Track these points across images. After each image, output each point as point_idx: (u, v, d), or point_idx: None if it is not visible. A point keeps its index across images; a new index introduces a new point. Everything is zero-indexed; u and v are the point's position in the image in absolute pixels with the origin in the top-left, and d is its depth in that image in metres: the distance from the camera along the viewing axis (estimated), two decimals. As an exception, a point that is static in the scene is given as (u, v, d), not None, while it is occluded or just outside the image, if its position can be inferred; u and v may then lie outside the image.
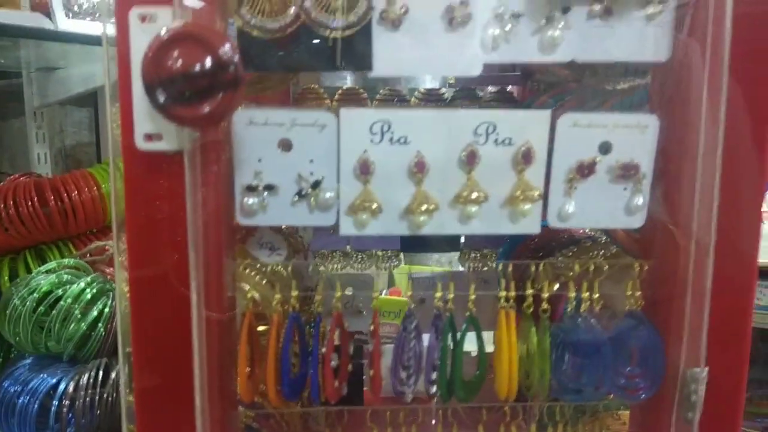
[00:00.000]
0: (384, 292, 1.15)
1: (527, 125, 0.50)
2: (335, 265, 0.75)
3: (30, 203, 1.20)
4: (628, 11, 0.49)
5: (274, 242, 0.57)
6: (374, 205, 0.50)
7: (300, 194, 0.50)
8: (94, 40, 1.33)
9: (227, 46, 0.39)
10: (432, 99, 0.71)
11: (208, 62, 0.38)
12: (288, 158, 0.50)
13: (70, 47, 1.35)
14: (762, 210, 0.51)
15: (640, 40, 0.49)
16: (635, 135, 0.50)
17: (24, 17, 1.20)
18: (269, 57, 0.49)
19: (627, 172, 0.51)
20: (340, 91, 0.69)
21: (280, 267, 0.58)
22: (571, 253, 0.66)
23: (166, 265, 0.48)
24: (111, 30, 0.44)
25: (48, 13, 1.32)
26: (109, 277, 1.17)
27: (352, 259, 0.77)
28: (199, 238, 0.47)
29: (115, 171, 0.48)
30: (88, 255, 1.24)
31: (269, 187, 0.50)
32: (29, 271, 1.21)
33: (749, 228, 0.51)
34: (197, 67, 0.38)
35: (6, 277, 1.22)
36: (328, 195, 0.50)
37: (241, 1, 0.47)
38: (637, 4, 0.49)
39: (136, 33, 0.42)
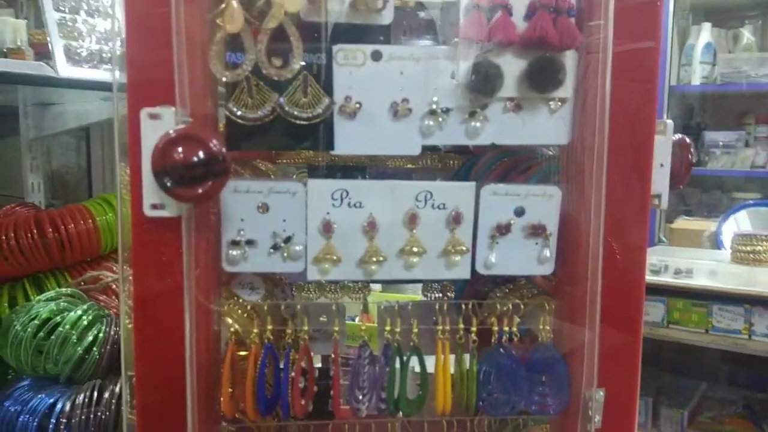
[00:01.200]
0: (357, 318, 1.27)
1: (457, 194, 0.63)
2: (310, 295, 0.87)
3: (30, 235, 1.30)
4: (535, 106, 0.62)
5: (253, 283, 0.69)
6: (335, 257, 0.62)
7: (275, 247, 0.62)
8: (92, 85, 1.44)
9: (219, 144, 0.51)
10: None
11: (204, 156, 0.50)
12: (265, 218, 0.62)
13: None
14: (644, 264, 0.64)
15: (545, 128, 0.63)
16: (543, 202, 0.63)
17: (28, 66, 1.31)
18: (251, 139, 0.62)
19: (537, 231, 0.63)
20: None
21: (260, 302, 0.70)
22: (507, 289, 0.78)
23: (165, 304, 0.60)
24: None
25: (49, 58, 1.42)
26: (102, 304, 1.28)
27: (326, 289, 0.88)
28: (192, 282, 0.59)
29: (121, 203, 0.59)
30: (82, 283, 1.34)
31: (250, 242, 0.62)
32: (28, 299, 1.31)
33: (634, 277, 0.64)
34: (195, 160, 0.50)
35: (5, 304, 1.31)
36: (297, 248, 0.62)
37: (228, 97, 0.60)
38: (542, 101, 0.62)
39: (146, 127, 0.54)
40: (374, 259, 0.62)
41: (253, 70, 0.59)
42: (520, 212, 0.64)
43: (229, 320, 0.68)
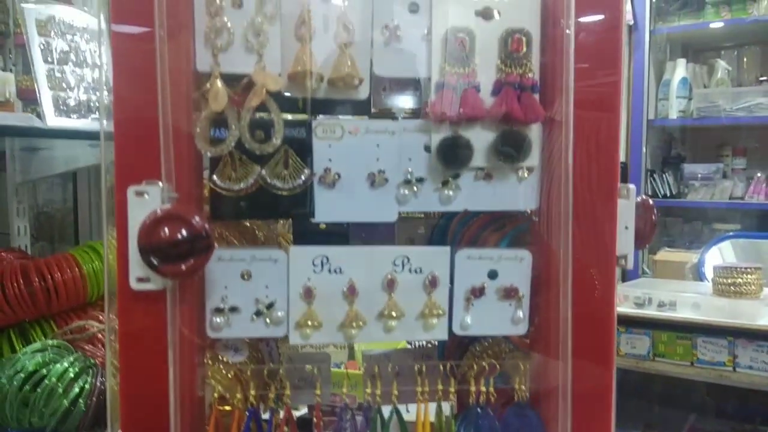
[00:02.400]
0: (343, 365, 1.28)
1: (433, 258, 0.66)
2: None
3: (16, 285, 1.30)
4: (505, 174, 0.66)
5: (237, 345, 0.71)
6: (316, 322, 0.64)
7: (257, 313, 0.64)
8: (79, 135, 1.47)
9: (203, 222, 0.53)
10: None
11: (188, 234, 0.53)
12: (248, 285, 0.64)
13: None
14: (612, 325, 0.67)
15: (515, 195, 0.66)
16: (515, 265, 0.66)
17: (17, 118, 1.34)
18: (235, 209, 0.64)
19: (509, 294, 0.66)
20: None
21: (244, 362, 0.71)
22: (487, 343, 0.81)
23: (150, 371, 0.61)
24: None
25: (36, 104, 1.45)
26: (88, 353, 1.28)
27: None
28: (176, 350, 0.61)
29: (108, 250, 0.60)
30: (68, 333, 1.34)
31: (233, 309, 0.64)
32: (13, 348, 1.31)
33: (604, 332, 0.66)
34: (180, 238, 0.53)
35: (-9, 354, 1.31)
36: (279, 314, 0.64)
37: (212, 169, 0.63)
38: (511, 170, 0.65)
39: (133, 204, 0.57)
40: (354, 323, 0.64)
41: (236, 144, 0.62)
42: (493, 275, 0.66)
43: (213, 382, 0.70)
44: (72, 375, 1.15)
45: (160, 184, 0.58)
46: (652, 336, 2.37)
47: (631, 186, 0.68)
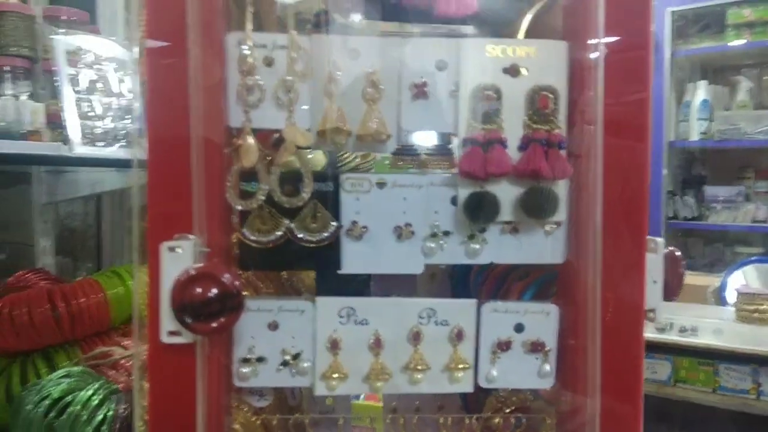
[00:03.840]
0: (362, 397, 1.28)
1: (459, 310, 0.66)
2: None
3: (42, 310, 1.33)
4: (531, 228, 0.66)
5: (262, 390, 0.72)
6: (342, 374, 0.65)
7: (284, 364, 0.65)
8: (105, 163, 1.50)
9: (235, 282, 0.55)
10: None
11: (220, 293, 0.54)
12: (275, 336, 0.65)
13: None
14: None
15: (541, 249, 0.66)
16: (541, 319, 0.66)
17: (45, 147, 1.37)
18: (264, 260, 0.65)
19: (536, 348, 0.66)
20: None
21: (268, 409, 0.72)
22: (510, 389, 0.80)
23: (178, 418, 0.62)
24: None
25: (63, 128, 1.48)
26: (111, 379, 1.29)
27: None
28: (204, 400, 0.61)
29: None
30: (92, 358, 1.36)
31: (260, 359, 0.65)
32: (38, 374, 1.33)
33: (629, 397, 0.66)
34: (211, 296, 0.54)
35: (16, 379, 1.33)
36: (305, 364, 0.65)
37: (242, 222, 0.64)
38: (538, 224, 0.66)
39: (165, 259, 0.58)
40: (380, 376, 0.65)
41: (265, 197, 0.63)
42: (519, 328, 0.66)
43: (238, 426, 0.70)
44: (96, 402, 1.17)
45: (192, 238, 0.59)
46: (674, 361, 2.33)
47: (659, 239, 0.68)
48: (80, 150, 1.42)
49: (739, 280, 2.64)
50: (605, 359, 0.64)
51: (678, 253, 0.73)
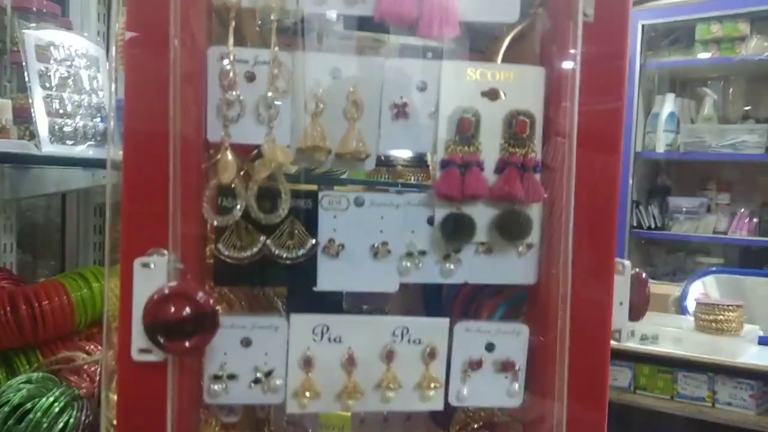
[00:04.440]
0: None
1: (432, 329, 0.67)
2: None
3: (3, 312, 1.29)
4: (505, 249, 0.67)
5: (231, 406, 0.71)
6: (314, 392, 0.65)
7: (255, 381, 0.65)
8: (75, 162, 1.46)
9: (210, 301, 0.54)
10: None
11: (194, 312, 0.54)
12: (247, 352, 0.65)
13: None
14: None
15: (514, 269, 0.67)
16: (512, 338, 0.68)
17: (13, 145, 1.33)
18: (239, 276, 0.65)
19: (506, 367, 0.67)
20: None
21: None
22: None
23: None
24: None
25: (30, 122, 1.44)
26: (73, 384, 1.27)
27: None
28: (174, 416, 0.61)
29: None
30: (54, 363, 1.33)
31: (231, 376, 0.64)
32: (-4, 379, 1.29)
33: (595, 416, 0.68)
34: (185, 316, 0.53)
35: (-27, 384, 1.29)
36: (278, 382, 0.65)
37: (218, 237, 0.63)
38: (511, 246, 0.67)
39: (138, 276, 0.57)
40: (352, 394, 0.65)
41: (243, 214, 0.63)
42: (490, 348, 0.68)
43: (208, 442, 0.70)
44: (57, 409, 1.14)
45: (166, 254, 0.59)
46: (634, 369, 2.40)
47: (626, 262, 0.70)
48: (49, 148, 1.38)
49: (700, 289, 2.72)
50: (572, 378, 0.66)
51: (644, 275, 0.75)
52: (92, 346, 1.39)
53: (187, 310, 0.53)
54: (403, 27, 0.65)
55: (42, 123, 1.39)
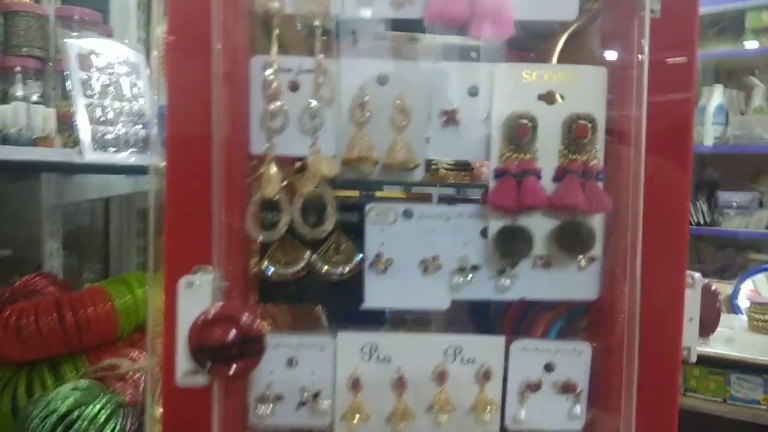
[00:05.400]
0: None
1: (487, 348, 0.63)
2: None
3: (50, 319, 1.30)
4: (564, 263, 0.63)
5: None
6: (363, 415, 0.62)
7: (302, 403, 0.62)
8: (117, 169, 1.47)
9: (256, 324, 0.52)
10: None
11: (241, 337, 0.51)
12: (294, 372, 0.62)
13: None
14: None
15: (574, 284, 0.63)
16: (573, 358, 0.63)
17: (56, 153, 1.34)
18: (284, 293, 0.62)
19: (567, 389, 0.63)
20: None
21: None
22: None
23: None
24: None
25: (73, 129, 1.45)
26: (118, 390, 1.27)
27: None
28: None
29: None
30: (100, 370, 1.34)
31: (278, 397, 0.62)
32: (44, 385, 1.31)
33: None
34: (231, 340, 0.51)
35: (22, 390, 1.31)
36: (325, 403, 0.62)
37: (262, 253, 0.61)
38: (570, 260, 0.62)
39: (183, 296, 0.55)
40: (403, 417, 0.62)
41: (287, 228, 0.60)
42: (549, 368, 0.63)
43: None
44: (103, 418, 1.15)
45: (211, 271, 0.57)
46: (684, 370, 2.30)
47: (697, 275, 0.65)
48: (91, 156, 1.39)
49: (751, 287, 2.60)
50: (641, 401, 0.61)
51: (714, 288, 0.70)
52: (136, 353, 1.40)
53: (233, 333, 0.51)
54: (454, 29, 0.61)
55: (85, 131, 1.40)
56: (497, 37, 0.59)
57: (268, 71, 0.59)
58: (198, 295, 0.55)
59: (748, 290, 2.57)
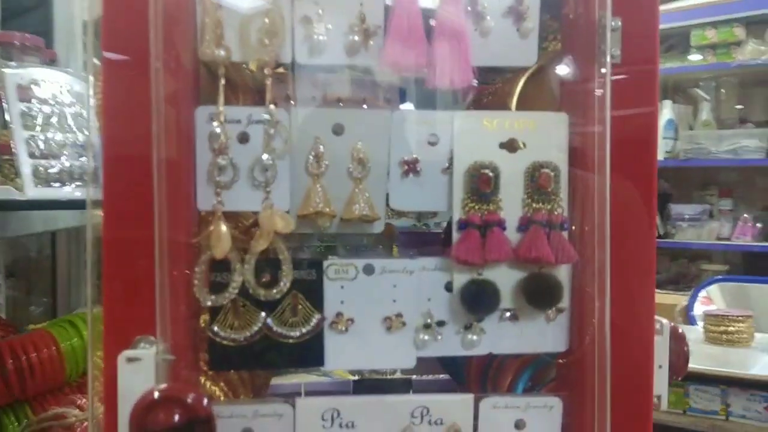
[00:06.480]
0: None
1: (455, 407, 0.60)
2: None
3: (-14, 368, 1.21)
4: (532, 315, 0.61)
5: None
6: (325, 487, 0.58)
7: (259, 477, 0.58)
8: (61, 205, 1.39)
9: (204, 403, 0.47)
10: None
11: (188, 419, 0.47)
12: (251, 443, 0.58)
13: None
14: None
15: (543, 337, 0.61)
16: (544, 413, 0.61)
17: (-6, 191, 1.26)
18: (236, 360, 0.58)
19: (538, 446, 0.61)
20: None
21: None
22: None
23: None
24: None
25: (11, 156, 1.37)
26: (64, 443, 1.19)
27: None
28: None
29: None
30: (45, 420, 1.25)
31: (233, 472, 0.57)
32: (-18, 440, 1.21)
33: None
34: (177, 423, 0.47)
35: (-44, 446, 1.21)
36: (284, 476, 0.58)
37: (212, 318, 0.57)
38: (538, 312, 0.60)
39: (124, 371, 0.50)
40: (369, 486, 0.58)
41: (239, 290, 0.56)
42: (520, 425, 0.61)
43: None
44: (47, 477, 1.07)
45: (155, 342, 0.52)
46: (645, 383, 2.34)
47: (665, 321, 0.64)
48: (33, 192, 1.31)
49: (707, 297, 2.67)
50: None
51: (681, 330, 0.69)
52: (84, 400, 1.31)
53: (179, 416, 0.47)
54: (411, 76, 0.58)
55: (26, 166, 1.32)
56: (456, 86, 0.57)
57: (215, 123, 0.55)
58: (141, 372, 0.50)
59: (701, 298, 2.64)
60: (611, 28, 0.57)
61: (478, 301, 0.58)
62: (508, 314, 0.60)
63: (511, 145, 0.59)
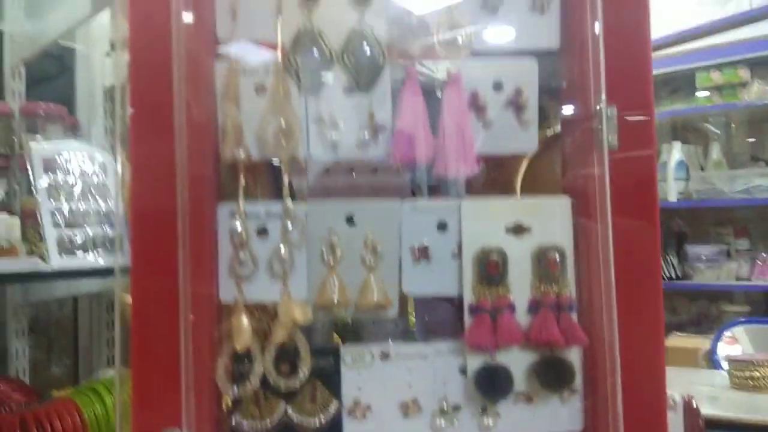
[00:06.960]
0: None
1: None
2: None
3: (14, 439, 1.23)
4: (547, 397, 0.62)
5: None
6: None
7: None
8: (85, 274, 1.43)
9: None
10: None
11: None
12: None
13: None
14: None
15: (558, 417, 0.62)
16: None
17: (21, 263, 1.30)
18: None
19: None
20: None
21: None
22: None
23: None
24: None
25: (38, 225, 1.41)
26: None
27: None
28: None
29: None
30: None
31: None
32: None
33: None
34: None
35: None
36: None
37: (233, 410, 0.59)
38: (552, 393, 0.61)
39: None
40: None
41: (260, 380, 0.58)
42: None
43: None
44: None
45: (180, 436, 0.54)
46: (670, 431, 2.27)
47: (677, 396, 0.64)
48: (57, 262, 1.35)
49: (733, 340, 2.62)
50: None
51: (695, 404, 0.69)
52: (105, 470, 1.32)
53: None
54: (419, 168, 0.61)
55: (51, 237, 1.36)
56: (462, 175, 0.60)
57: (235, 221, 0.58)
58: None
59: (726, 338, 2.58)
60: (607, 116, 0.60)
61: (492, 386, 0.59)
62: (522, 396, 0.61)
63: (517, 229, 0.61)
